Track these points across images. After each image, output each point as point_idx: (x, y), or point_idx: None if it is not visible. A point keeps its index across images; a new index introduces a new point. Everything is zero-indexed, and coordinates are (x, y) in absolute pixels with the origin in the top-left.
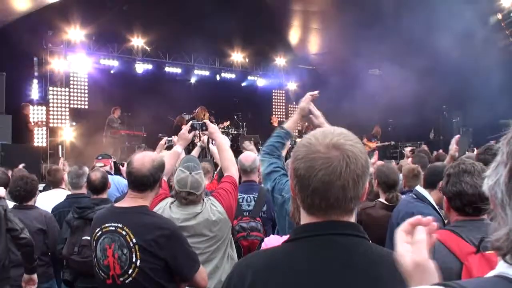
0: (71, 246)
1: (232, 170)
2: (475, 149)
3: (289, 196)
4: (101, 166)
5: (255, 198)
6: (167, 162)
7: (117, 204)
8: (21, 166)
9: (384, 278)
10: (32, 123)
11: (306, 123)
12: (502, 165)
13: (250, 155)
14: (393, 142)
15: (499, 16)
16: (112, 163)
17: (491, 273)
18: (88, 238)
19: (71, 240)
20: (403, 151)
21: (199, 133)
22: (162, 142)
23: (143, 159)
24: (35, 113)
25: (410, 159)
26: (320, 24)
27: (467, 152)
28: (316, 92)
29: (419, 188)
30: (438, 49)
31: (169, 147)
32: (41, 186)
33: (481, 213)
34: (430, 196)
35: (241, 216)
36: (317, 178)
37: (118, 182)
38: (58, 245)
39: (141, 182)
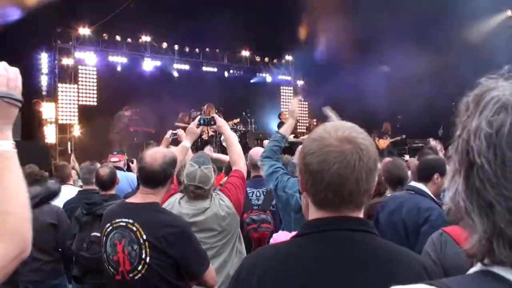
0: (79, 242)
1: (240, 164)
2: None
3: (292, 192)
4: (115, 161)
5: (264, 193)
6: None
7: (128, 200)
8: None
9: (396, 275)
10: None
11: (314, 121)
12: (457, 174)
13: (260, 150)
14: (404, 136)
15: (509, 13)
16: (126, 160)
17: (473, 269)
18: (97, 234)
19: (80, 236)
20: (406, 156)
21: (207, 128)
22: (167, 135)
23: (155, 155)
24: (44, 110)
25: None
26: (329, 20)
27: None
28: (300, 97)
29: (415, 183)
30: (447, 45)
31: (173, 140)
32: None
33: None
34: (427, 189)
35: (250, 209)
36: (331, 172)
37: (131, 179)
38: (67, 240)
39: (153, 178)
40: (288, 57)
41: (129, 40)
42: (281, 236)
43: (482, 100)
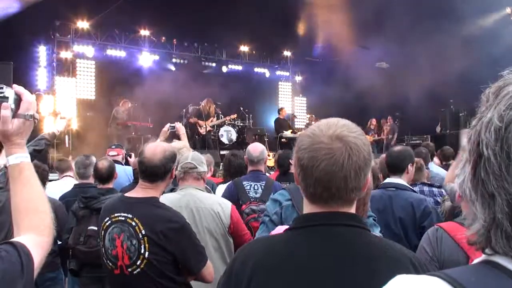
0: (77, 236)
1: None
2: None
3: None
4: (113, 155)
5: (262, 186)
6: None
7: (127, 194)
8: None
9: (383, 270)
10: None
11: (313, 116)
12: (467, 163)
13: (258, 146)
14: (390, 136)
15: (508, 10)
16: (124, 153)
17: (476, 260)
18: (94, 228)
19: (77, 230)
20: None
21: (205, 123)
22: (165, 129)
23: (155, 149)
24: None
25: None
26: (328, 16)
27: None
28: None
29: (391, 179)
30: (445, 42)
31: (171, 134)
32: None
33: None
34: (405, 183)
35: (249, 201)
36: (320, 169)
37: (130, 173)
38: (64, 234)
39: (152, 172)
40: (287, 53)
41: (127, 33)
42: (280, 231)
43: (501, 93)
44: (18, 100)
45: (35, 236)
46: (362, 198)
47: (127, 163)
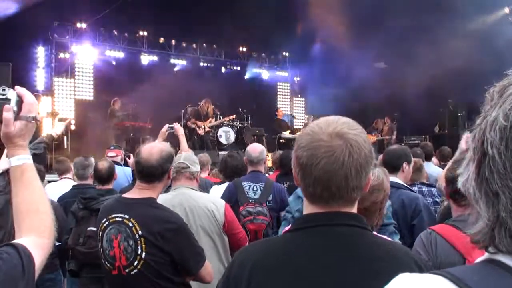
0: (76, 237)
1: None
2: None
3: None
4: (112, 156)
5: (261, 187)
6: None
7: (125, 195)
8: None
9: (386, 270)
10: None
11: (312, 116)
12: (471, 161)
13: (258, 146)
14: (393, 137)
15: (507, 10)
16: (123, 154)
17: (479, 259)
18: (93, 228)
19: (76, 231)
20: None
21: (203, 124)
22: (164, 129)
23: (151, 149)
24: (41, 104)
25: None
26: (327, 16)
27: None
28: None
29: (393, 178)
30: (443, 42)
31: (170, 134)
32: (48, 177)
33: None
34: (400, 181)
35: (246, 202)
36: (320, 167)
37: (129, 174)
38: (63, 235)
39: (149, 173)
40: (285, 53)
41: (126, 34)
42: None
43: (506, 92)
44: (20, 102)
45: (36, 238)
46: (379, 202)
47: (126, 164)
